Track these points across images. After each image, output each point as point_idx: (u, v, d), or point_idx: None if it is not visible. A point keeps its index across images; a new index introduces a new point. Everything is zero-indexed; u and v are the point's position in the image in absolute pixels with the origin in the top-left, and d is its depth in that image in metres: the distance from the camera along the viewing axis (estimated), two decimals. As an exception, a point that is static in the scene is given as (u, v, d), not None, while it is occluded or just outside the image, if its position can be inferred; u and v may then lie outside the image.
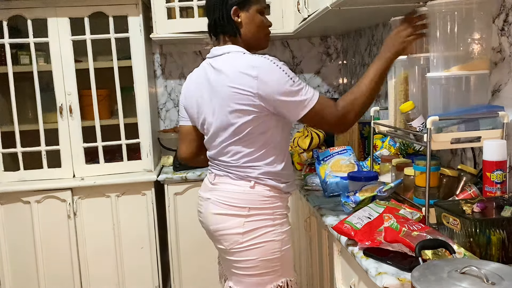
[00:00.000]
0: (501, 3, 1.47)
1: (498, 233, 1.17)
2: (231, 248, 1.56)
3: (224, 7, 1.56)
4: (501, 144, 1.35)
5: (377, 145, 2.15)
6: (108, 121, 2.79)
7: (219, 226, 1.57)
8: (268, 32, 1.65)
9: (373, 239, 1.33)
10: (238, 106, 1.48)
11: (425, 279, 0.94)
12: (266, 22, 1.63)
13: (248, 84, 1.45)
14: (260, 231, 1.53)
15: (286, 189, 1.61)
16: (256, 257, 1.54)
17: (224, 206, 1.56)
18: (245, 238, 1.53)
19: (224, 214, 1.56)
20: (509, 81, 1.46)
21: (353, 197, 1.62)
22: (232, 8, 1.55)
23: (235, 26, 1.57)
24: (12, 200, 2.63)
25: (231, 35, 1.58)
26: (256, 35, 1.61)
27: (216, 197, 1.58)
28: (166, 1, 2.71)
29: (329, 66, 3.33)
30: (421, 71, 1.58)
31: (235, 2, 1.55)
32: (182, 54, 3.20)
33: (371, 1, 1.84)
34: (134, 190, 2.69)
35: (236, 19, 1.56)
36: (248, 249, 1.54)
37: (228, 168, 1.58)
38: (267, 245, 1.54)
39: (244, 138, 1.52)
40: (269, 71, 1.45)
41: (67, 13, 2.60)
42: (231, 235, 1.55)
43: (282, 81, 1.44)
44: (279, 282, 1.57)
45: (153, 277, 2.75)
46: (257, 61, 1.47)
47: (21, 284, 2.69)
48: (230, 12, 1.55)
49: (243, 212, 1.53)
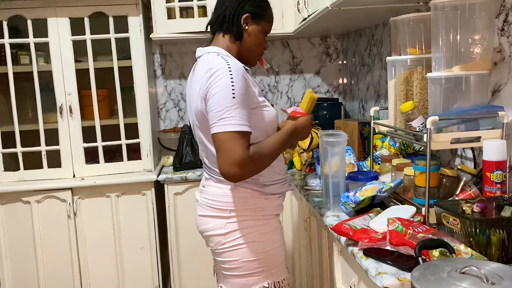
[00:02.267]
0: (501, 3, 1.47)
1: (498, 233, 1.17)
2: (215, 249, 1.59)
3: (239, 8, 1.55)
4: (501, 144, 1.35)
5: (377, 145, 2.15)
6: (108, 121, 2.79)
7: (204, 227, 1.60)
8: (262, 53, 1.65)
9: (371, 237, 1.33)
10: (199, 107, 1.47)
11: (425, 279, 0.94)
12: (264, 44, 1.63)
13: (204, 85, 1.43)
14: (241, 232, 1.54)
15: (270, 190, 1.59)
16: (238, 258, 1.55)
17: (207, 208, 1.58)
18: (227, 239, 1.54)
19: (208, 215, 1.58)
20: (509, 81, 1.46)
21: (353, 197, 1.62)
22: (246, 14, 1.55)
23: (240, 30, 1.56)
24: (12, 200, 2.63)
25: (232, 36, 1.57)
26: (253, 50, 1.60)
27: (202, 199, 1.61)
28: (166, 1, 2.71)
29: (329, 66, 3.33)
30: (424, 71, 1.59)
31: (251, 10, 1.55)
32: (182, 54, 3.20)
33: (371, 1, 1.84)
34: (134, 190, 2.69)
35: (244, 26, 1.56)
36: (231, 250, 1.55)
37: (210, 170, 1.61)
38: (249, 246, 1.54)
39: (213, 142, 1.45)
40: (220, 76, 1.39)
41: (67, 13, 2.60)
42: (214, 236, 1.57)
43: (224, 90, 1.37)
44: (265, 283, 1.57)
45: (153, 277, 2.75)
46: (216, 63, 1.42)
47: (21, 284, 2.69)
48: (242, 16, 1.54)
49: (224, 214, 1.55)
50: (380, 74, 2.58)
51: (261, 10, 1.58)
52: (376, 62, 2.65)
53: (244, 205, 1.54)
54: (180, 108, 3.24)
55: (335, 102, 3.13)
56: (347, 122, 2.54)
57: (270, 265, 1.58)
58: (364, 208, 1.63)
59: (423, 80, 1.58)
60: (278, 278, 1.60)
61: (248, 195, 1.55)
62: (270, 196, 1.59)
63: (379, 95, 2.62)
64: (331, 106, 3.05)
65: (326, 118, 2.96)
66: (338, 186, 1.74)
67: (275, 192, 1.61)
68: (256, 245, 1.55)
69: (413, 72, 1.61)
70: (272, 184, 1.59)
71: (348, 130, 2.46)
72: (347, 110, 3.24)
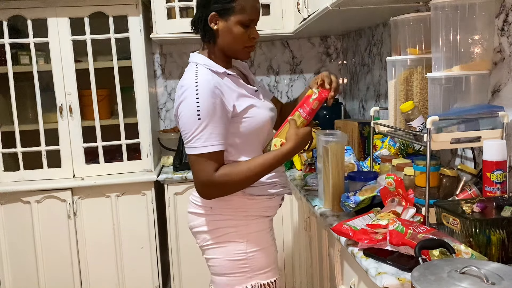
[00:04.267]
0: (501, 3, 1.47)
1: (498, 233, 1.17)
2: (201, 245, 1.60)
3: (205, 10, 1.49)
4: (501, 144, 1.35)
5: (377, 145, 2.15)
6: (108, 121, 2.79)
7: (191, 224, 1.63)
8: (250, 45, 1.53)
9: (371, 238, 1.33)
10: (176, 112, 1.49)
11: (425, 279, 0.94)
12: (249, 34, 1.51)
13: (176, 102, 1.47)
14: (222, 231, 1.55)
15: (253, 191, 1.55)
16: (220, 257, 1.55)
17: (194, 205, 1.61)
18: (210, 236, 1.56)
19: (194, 212, 1.60)
20: (509, 81, 1.46)
21: (353, 197, 1.62)
22: (211, 13, 1.47)
23: (210, 33, 1.50)
24: (12, 200, 2.63)
25: (205, 41, 1.54)
26: (232, 47, 1.51)
27: (191, 197, 1.64)
28: (166, 1, 2.71)
29: (329, 66, 3.33)
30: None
31: (216, 8, 1.47)
32: (182, 54, 3.20)
33: (371, 1, 1.84)
34: (134, 190, 2.69)
35: (212, 26, 1.49)
36: (214, 248, 1.56)
37: None
38: (230, 246, 1.54)
39: None
40: (186, 96, 1.42)
41: (67, 13, 2.60)
42: (199, 233, 1.59)
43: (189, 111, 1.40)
44: (247, 284, 1.55)
45: (153, 277, 2.75)
46: (186, 81, 1.44)
47: (21, 284, 2.69)
48: (208, 17, 1.48)
49: (206, 211, 1.56)
50: (380, 74, 2.58)
51: (227, 3, 1.46)
52: (376, 62, 2.65)
53: (225, 203, 1.53)
54: (180, 108, 3.23)
55: (335, 102, 3.13)
56: (347, 122, 2.54)
57: (253, 266, 1.56)
58: (364, 208, 1.63)
59: (423, 80, 1.58)
60: (264, 280, 1.58)
61: None
62: (255, 196, 1.55)
63: (379, 95, 2.62)
64: (331, 106, 3.05)
65: (326, 118, 2.96)
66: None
67: (261, 193, 1.57)
68: (237, 245, 1.54)
69: (413, 72, 1.61)
70: (257, 186, 1.55)
71: (348, 130, 2.46)
72: (347, 110, 3.24)
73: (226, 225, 1.55)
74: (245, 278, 1.56)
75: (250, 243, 1.56)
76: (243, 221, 1.56)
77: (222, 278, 1.57)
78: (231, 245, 1.54)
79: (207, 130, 1.39)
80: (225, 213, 1.54)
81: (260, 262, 1.57)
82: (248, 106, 1.50)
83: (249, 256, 1.55)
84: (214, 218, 1.55)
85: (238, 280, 1.55)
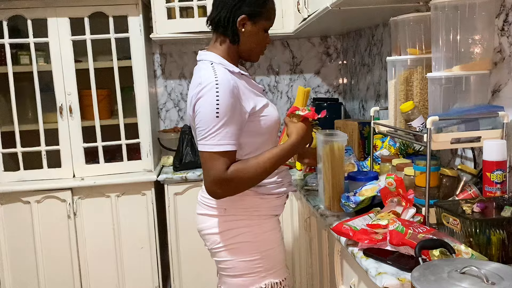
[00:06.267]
0: (501, 3, 1.47)
1: (498, 233, 1.17)
2: (211, 248, 1.58)
3: (235, 10, 1.47)
4: (501, 144, 1.35)
5: (377, 145, 2.15)
6: (108, 121, 2.79)
7: (200, 226, 1.61)
8: (265, 49, 1.60)
9: (371, 238, 1.33)
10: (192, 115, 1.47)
11: (425, 279, 0.94)
12: (267, 40, 1.57)
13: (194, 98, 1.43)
14: (235, 232, 1.54)
15: (266, 190, 1.57)
16: (233, 258, 1.54)
17: (204, 206, 1.59)
18: (222, 238, 1.54)
19: (205, 214, 1.59)
20: (509, 81, 1.46)
21: (353, 197, 1.62)
22: (241, 15, 1.47)
23: (236, 34, 1.50)
24: (12, 200, 2.63)
25: (229, 40, 1.52)
26: (254, 50, 1.55)
27: (200, 198, 1.62)
28: (166, 1, 2.71)
29: (329, 66, 3.33)
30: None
31: (248, 10, 1.47)
32: (182, 54, 3.20)
33: (371, 1, 1.84)
34: (134, 190, 2.69)
35: (240, 28, 1.49)
36: (226, 250, 1.55)
37: None
38: (244, 246, 1.54)
39: None
40: (206, 93, 1.39)
41: (67, 13, 2.60)
42: (210, 235, 1.57)
43: (209, 108, 1.38)
44: (261, 284, 1.56)
45: (153, 277, 2.75)
46: (205, 78, 1.41)
47: (21, 284, 2.69)
48: (238, 18, 1.47)
49: (219, 212, 1.55)
50: (380, 74, 2.58)
51: (259, 8, 1.49)
52: (376, 62, 2.65)
53: (238, 204, 1.53)
54: (180, 108, 3.24)
55: (335, 102, 3.13)
56: (347, 122, 2.54)
57: (266, 266, 1.57)
58: (364, 208, 1.63)
59: (423, 80, 1.58)
60: (276, 279, 1.59)
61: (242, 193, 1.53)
62: (266, 196, 1.57)
63: (379, 95, 2.62)
64: (331, 106, 3.05)
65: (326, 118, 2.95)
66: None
67: (271, 193, 1.58)
68: (251, 245, 1.54)
69: (413, 72, 1.61)
70: (268, 185, 1.57)
71: (348, 130, 2.46)
72: (347, 110, 3.24)
73: (239, 226, 1.54)
74: (258, 277, 1.56)
75: (263, 242, 1.56)
76: (255, 221, 1.56)
77: (237, 280, 1.56)
78: (244, 246, 1.54)
79: (223, 128, 1.38)
80: (239, 213, 1.54)
81: (273, 261, 1.59)
82: (264, 105, 1.52)
83: (263, 256, 1.56)
84: (227, 219, 1.54)
85: (252, 280, 1.55)
